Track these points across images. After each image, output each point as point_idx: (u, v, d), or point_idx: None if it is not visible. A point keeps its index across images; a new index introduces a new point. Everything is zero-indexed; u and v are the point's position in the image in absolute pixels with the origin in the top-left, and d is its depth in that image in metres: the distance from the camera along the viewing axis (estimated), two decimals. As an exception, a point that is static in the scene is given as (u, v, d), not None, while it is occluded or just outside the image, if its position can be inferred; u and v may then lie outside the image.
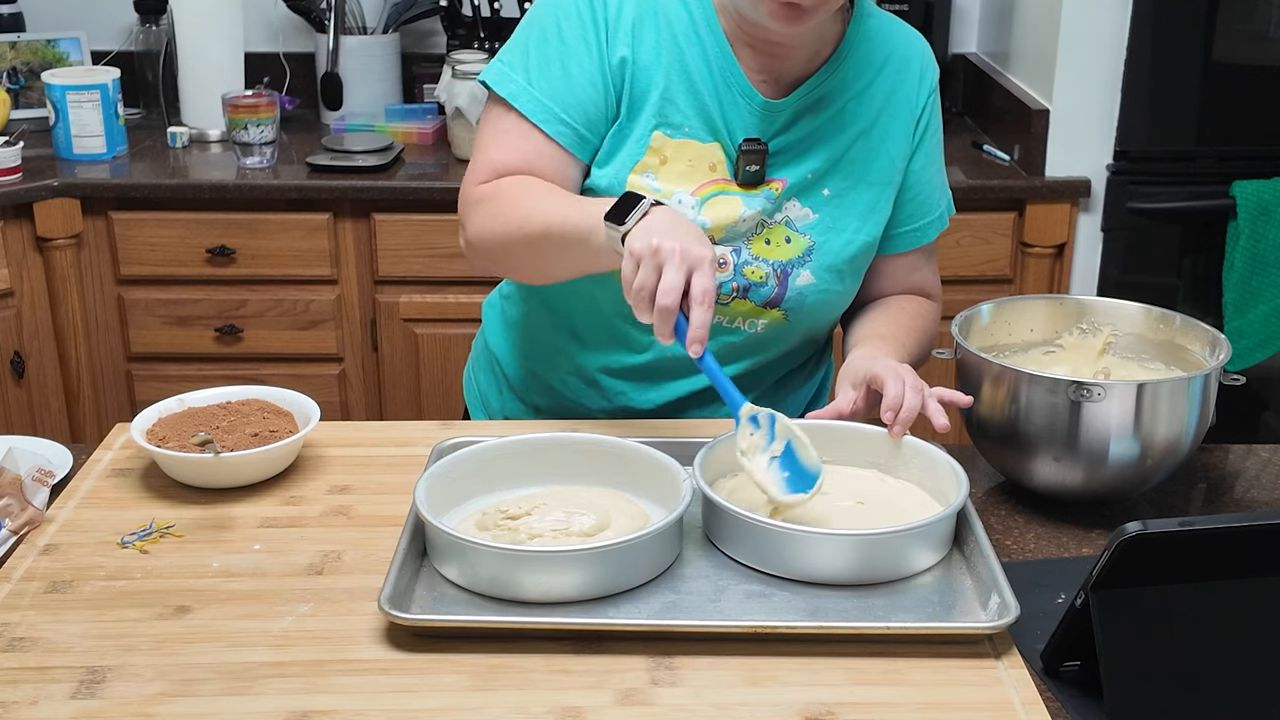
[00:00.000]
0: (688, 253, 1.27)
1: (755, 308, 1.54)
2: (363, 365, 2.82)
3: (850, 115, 1.53)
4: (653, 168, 1.49)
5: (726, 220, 1.50)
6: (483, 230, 1.48)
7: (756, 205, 1.51)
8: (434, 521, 1.20)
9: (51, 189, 2.64)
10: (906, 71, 1.57)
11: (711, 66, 1.49)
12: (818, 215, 1.53)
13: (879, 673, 1.10)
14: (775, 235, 1.53)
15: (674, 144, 1.50)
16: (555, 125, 1.48)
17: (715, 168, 1.51)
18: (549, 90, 1.48)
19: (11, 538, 1.29)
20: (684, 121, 1.49)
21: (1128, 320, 1.50)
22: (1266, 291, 2.57)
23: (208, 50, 2.93)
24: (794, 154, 1.52)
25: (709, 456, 1.32)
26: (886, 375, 1.38)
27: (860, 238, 1.55)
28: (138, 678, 1.09)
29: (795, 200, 1.53)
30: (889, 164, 1.56)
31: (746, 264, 1.52)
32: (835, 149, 1.53)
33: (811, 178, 1.53)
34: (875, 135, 1.55)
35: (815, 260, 1.54)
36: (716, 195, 1.50)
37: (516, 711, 1.05)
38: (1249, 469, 1.51)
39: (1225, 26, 2.57)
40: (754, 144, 1.50)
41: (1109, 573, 1.02)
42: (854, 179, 1.54)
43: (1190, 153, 2.65)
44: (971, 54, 3.18)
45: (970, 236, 2.67)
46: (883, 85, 1.55)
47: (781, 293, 1.54)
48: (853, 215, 1.54)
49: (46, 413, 2.76)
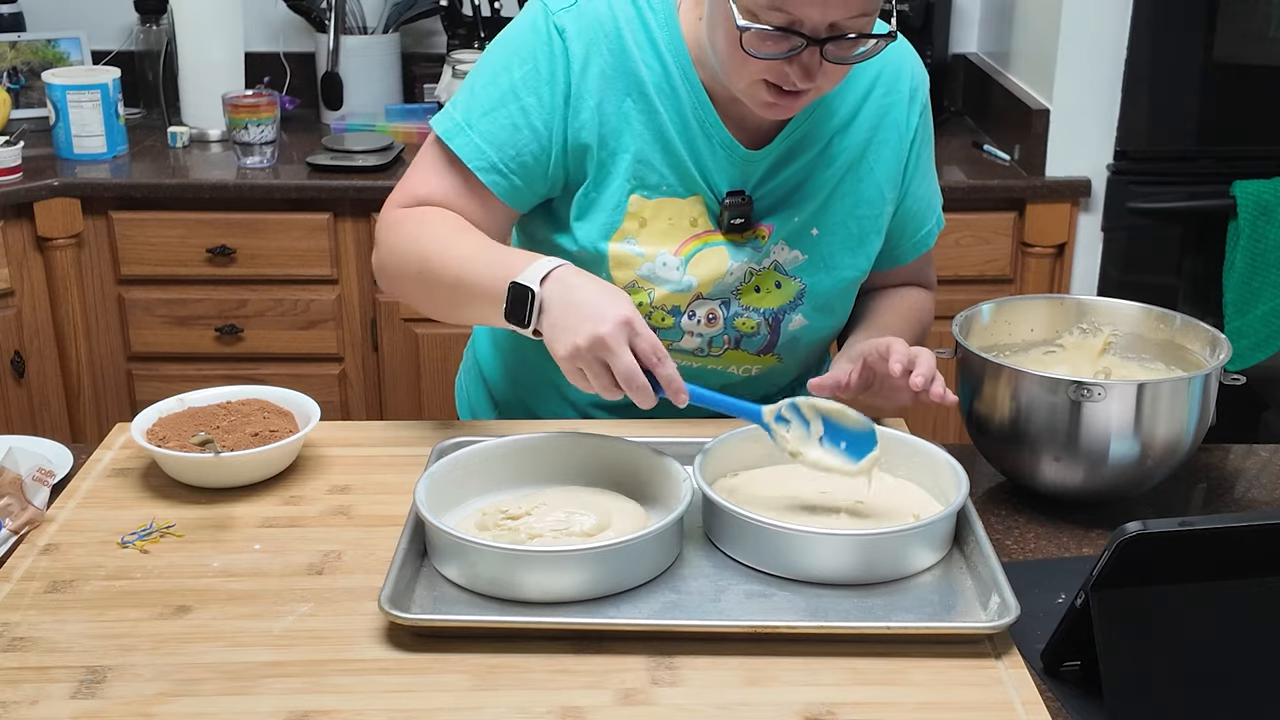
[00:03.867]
0: (614, 330, 1.23)
1: (749, 355, 1.54)
2: (363, 365, 2.82)
3: (836, 150, 1.49)
4: (632, 233, 1.46)
5: (714, 276, 1.48)
6: (393, 255, 1.45)
7: (744, 256, 1.49)
8: (434, 521, 1.20)
9: (52, 189, 2.64)
10: (895, 91, 1.51)
11: (688, 120, 1.45)
12: (806, 256, 1.51)
13: (879, 673, 1.10)
14: (765, 282, 1.51)
15: (652, 204, 1.46)
16: (490, 174, 1.44)
17: (696, 221, 1.47)
18: (487, 135, 1.44)
19: (12, 537, 1.29)
20: (661, 181, 1.46)
21: (1128, 320, 1.50)
22: (1267, 291, 2.57)
23: (208, 50, 2.93)
24: (780, 199, 1.49)
25: (709, 456, 1.32)
26: (893, 341, 1.37)
27: (850, 273, 1.53)
28: (138, 678, 1.09)
29: (783, 243, 1.50)
30: (878, 194, 1.52)
31: (737, 315, 1.51)
32: (822, 189, 1.49)
33: (798, 220, 1.50)
34: (864, 166, 1.51)
35: (807, 303, 1.52)
36: (701, 250, 1.47)
37: (516, 711, 1.05)
38: (1249, 469, 1.51)
39: (1225, 26, 2.57)
40: (737, 197, 1.47)
41: (1109, 573, 1.02)
42: (843, 214, 1.51)
43: (1190, 153, 2.65)
44: (971, 54, 3.18)
45: (970, 236, 2.67)
46: (870, 110, 1.50)
47: (774, 339, 1.53)
48: (842, 251, 1.52)
49: (47, 412, 2.76)
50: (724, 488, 1.33)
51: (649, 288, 1.47)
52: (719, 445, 1.34)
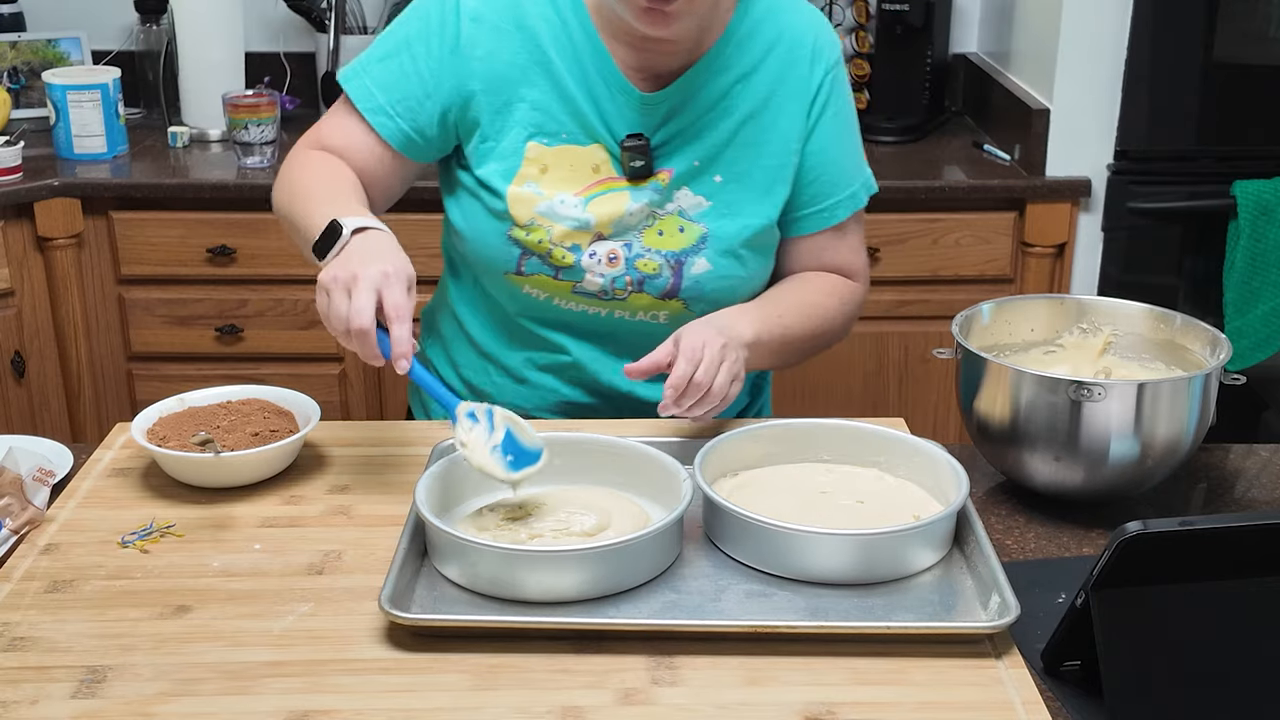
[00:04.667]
0: (373, 274, 1.29)
1: (653, 300, 1.55)
2: (363, 365, 2.82)
3: (736, 99, 1.52)
4: (532, 177, 1.50)
5: (612, 215, 1.51)
6: (277, 198, 1.54)
7: (644, 198, 1.52)
8: (434, 521, 1.20)
9: (52, 189, 2.64)
10: (797, 52, 1.55)
11: (585, 67, 1.49)
12: (711, 202, 1.53)
13: (879, 673, 1.10)
14: (668, 226, 1.53)
15: (553, 152, 1.50)
16: (377, 116, 1.53)
17: (599, 168, 1.51)
18: (378, 79, 1.53)
19: (12, 537, 1.29)
20: (560, 129, 1.50)
21: (1128, 320, 1.50)
22: (1267, 291, 2.57)
23: (208, 50, 2.93)
24: (678, 143, 1.52)
25: (709, 456, 1.32)
26: (682, 353, 1.39)
27: (756, 221, 1.55)
28: (138, 677, 1.09)
29: (686, 189, 1.53)
30: (784, 145, 1.55)
31: (639, 257, 1.53)
32: (721, 135, 1.53)
33: (699, 165, 1.53)
34: (767, 117, 1.54)
35: (710, 247, 1.53)
36: (602, 194, 1.51)
37: (516, 711, 1.05)
38: (1249, 469, 1.51)
39: (1225, 26, 2.57)
40: (635, 139, 1.50)
41: (1109, 573, 1.02)
42: (746, 162, 1.54)
43: (1190, 152, 2.65)
44: (972, 54, 3.18)
45: (970, 236, 2.67)
46: (772, 66, 1.54)
47: (677, 283, 1.54)
48: (747, 199, 1.54)
49: (47, 412, 2.76)
50: (724, 487, 1.33)
51: (548, 225, 1.51)
52: (719, 445, 1.34)
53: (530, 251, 1.52)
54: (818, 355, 1.65)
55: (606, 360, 1.58)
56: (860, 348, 2.72)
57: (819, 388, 2.73)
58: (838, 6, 3.03)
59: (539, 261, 1.53)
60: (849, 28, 3.05)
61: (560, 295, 1.55)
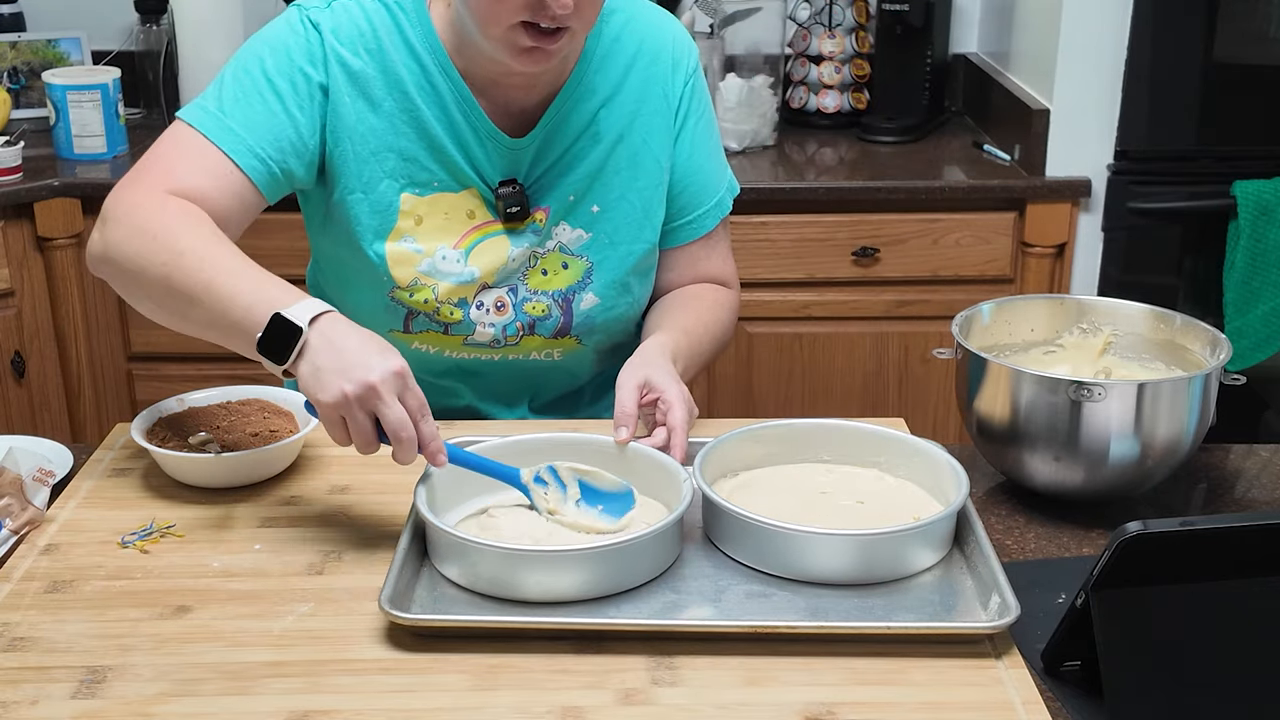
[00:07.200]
0: (386, 380, 1.19)
1: (546, 340, 1.54)
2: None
3: (603, 124, 1.50)
4: (408, 231, 1.48)
5: (495, 264, 1.49)
6: (126, 247, 1.34)
7: (525, 242, 1.50)
8: (434, 521, 1.20)
9: (52, 189, 2.64)
10: (657, 64, 1.52)
11: (452, 115, 1.46)
12: (590, 234, 1.52)
13: (879, 673, 1.10)
14: (551, 264, 1.52)
15: (425, 201, 1.48)
16: (249, 159, 1.41)
17: (474, 214, 1.49)
18: (244, 122, 1.41)
19: (12, 537, 1.29)
20: (431, 178, 1.47)
21: (1128, 320, 1.50)
22: (1267, 291, 2.57)
23: (208, 50, 2.93)
24: (551, 178, 1.50)
25: (709, 457, 1.32)
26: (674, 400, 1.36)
27: (639, 246, 1.54)
28: (138, 678, 1.09)
29: (564, 223, 1.51)
30: (655, 164, 1.53)
31: (526, 300, 1.51)
32: (592, 163, 1.50)
33: (574, 199, 1.51)
34: (636, 137, 1.51)
35: (596, 280, 1.52)
36: (481, 241, 1.49)
37: (516, 711, 1.05)
38: (1249, 469, 1.51)
39: (1225, 26, 2.56)
40: (509, 185, 1.48)
41: (1109, 573, 1.02)
42: (621, 188, 1.52)
43: (1190, 153, 2.65)
44: (971, 54, 3.18)
45: (970, 236, 2.67)
46: (634, 84, 1.51)
47: (568, 321, 1.53)
48: (627, 225, 1.52)
49: (47, 412, 2.76)
50: (724, 488, 1.33)
51: (432, 284, 1.49)
52: (719, 445, 1.34)
53: (416, 311, 1.50)
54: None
55: (501, 400, 1.58)
56: (860, 348, 2.72)
57: (819, 388, 2.73)
58: (838, 7, 3.03)
59: (426, 319, 1.51)
60: (849, 28, 3.04)
61: (451, 348, 1.54)
